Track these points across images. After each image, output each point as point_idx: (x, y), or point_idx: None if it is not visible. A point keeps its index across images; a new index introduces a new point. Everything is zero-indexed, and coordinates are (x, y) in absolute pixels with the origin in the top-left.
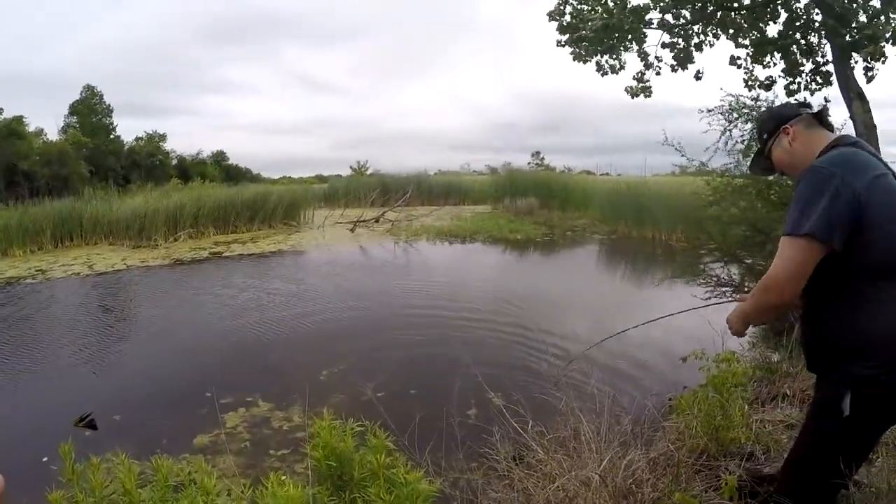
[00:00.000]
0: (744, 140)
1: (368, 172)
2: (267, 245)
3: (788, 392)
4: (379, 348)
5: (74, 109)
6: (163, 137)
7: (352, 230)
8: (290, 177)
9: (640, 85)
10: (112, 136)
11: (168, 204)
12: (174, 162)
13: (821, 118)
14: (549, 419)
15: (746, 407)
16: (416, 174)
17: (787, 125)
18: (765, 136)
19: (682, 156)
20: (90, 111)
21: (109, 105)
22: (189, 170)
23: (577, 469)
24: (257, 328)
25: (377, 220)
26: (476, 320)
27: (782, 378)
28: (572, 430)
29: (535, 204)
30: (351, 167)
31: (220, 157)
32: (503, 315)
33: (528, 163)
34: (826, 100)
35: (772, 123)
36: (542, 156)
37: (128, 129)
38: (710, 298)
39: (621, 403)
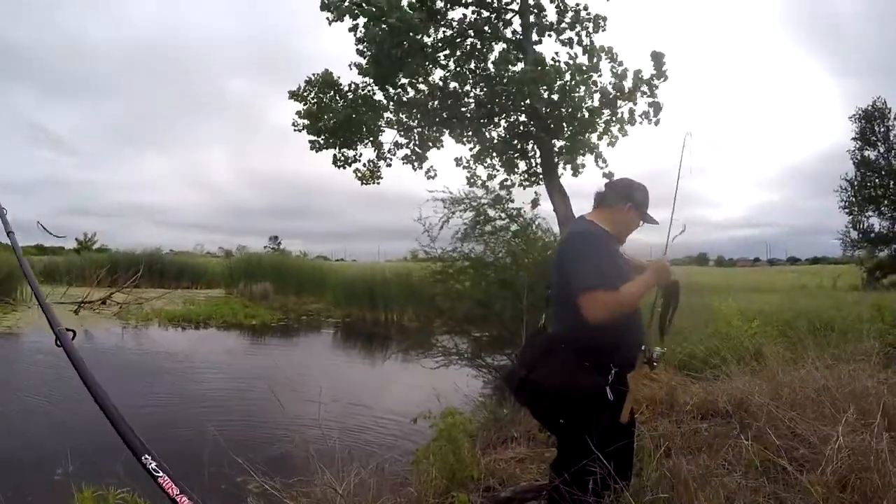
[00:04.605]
0: (465, 225)
1: (96, 247)
2: None
3: (516, 434)
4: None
5: None
6: None
7: (76, 312)
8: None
9: (370, 172)
10: None
11: None
12: None
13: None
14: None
15: (479, 452)
16: (149, 252)
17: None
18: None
19: (428, 236)
20: None
21: None
22: None
23: None
24: None
25: (104, 302)
26: (210, 405)
27: (509, 425)
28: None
29: (270, 289)
30: (77, 239)
31: None
32: (238, 403)
33: (265, 246)
34: (536, 193)
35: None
36: (279, 240)
37: None
38: (439, 367)
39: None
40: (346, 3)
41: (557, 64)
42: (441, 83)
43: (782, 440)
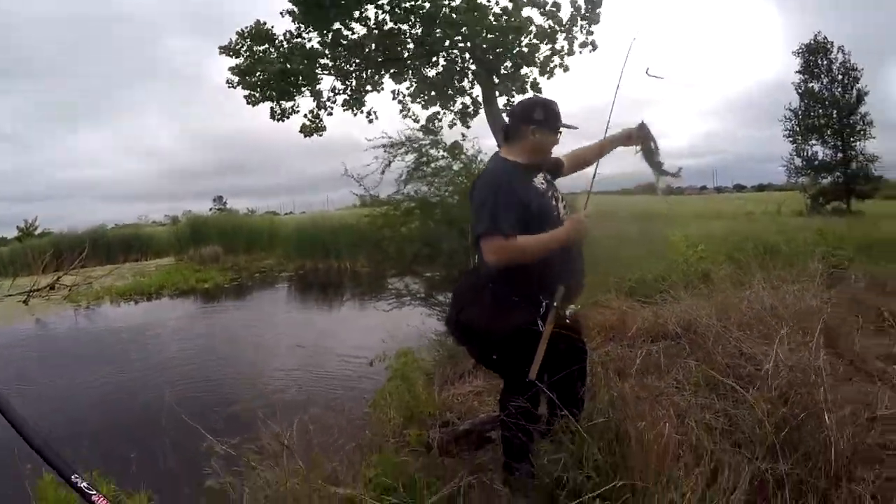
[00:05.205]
0: (408, 169)
1: (38, 233)
2: None
3: (472, 368)
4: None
5: None
6: None
7: (25, 302)
8: None
9: (313, 124)
10: None
11: None
12: None
13: None
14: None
15: (437, 388)
16: (92, 230)
17: None
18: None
19: (360, 185)
20: None
21: None
22: None
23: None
24: None
25: (52, 288)
26: (170, 372)
27: (465, 359)
28: (283, 442)
29: (220, 251)
30: (18, 227)
31: None
32: (198, 366)
33: (210, 208)
34: (463, 135)
35: None
36: (224, 200)
37: None
38: (392, 309)
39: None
40: None
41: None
42: (377, 23)
43: (729, 359)
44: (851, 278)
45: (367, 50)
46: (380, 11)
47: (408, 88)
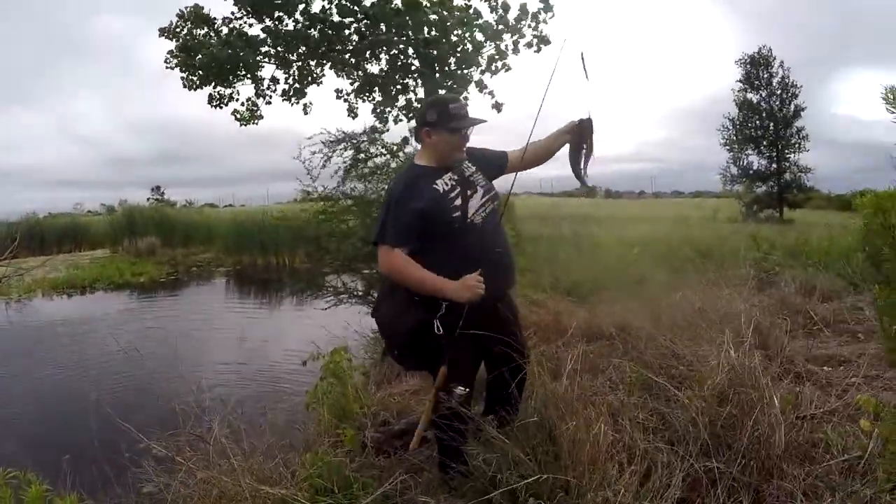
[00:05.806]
0: (346, 164)
1: None
2: None
3: None
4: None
5: None
6: None
7: None
8: None
9: (250, 112)
10: None
11: None
12: None
13: None
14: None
15: (373, 387)
16: (24, 219)
17: None
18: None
19: (308, 173)
20: None
21: None
22: None
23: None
24: None
25: None
26: (102, 371)
27: None
28: (210, 441)
29: (156, 243)
30: None
31: None
32: (132, 365)
33: (148, 199)
34: (410, 131)
35: None
36: (162, 190)
37: None
38: (330, 307)
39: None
40: None
41: None
42: (322, 13)
43: (662, 360)
44: (782, 283)
45: (309, 40)
46: (325, 2)
47: (351, 85)
